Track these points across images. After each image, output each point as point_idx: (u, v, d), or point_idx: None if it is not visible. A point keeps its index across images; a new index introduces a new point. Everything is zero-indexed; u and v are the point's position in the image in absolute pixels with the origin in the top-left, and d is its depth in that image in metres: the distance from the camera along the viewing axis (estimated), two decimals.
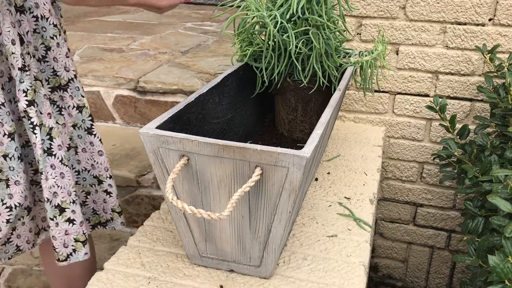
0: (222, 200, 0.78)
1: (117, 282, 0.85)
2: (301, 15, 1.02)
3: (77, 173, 1.04)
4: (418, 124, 1.56)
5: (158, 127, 0.77)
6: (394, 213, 1.70)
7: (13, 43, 0.84)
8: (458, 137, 1.35)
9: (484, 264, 0.97)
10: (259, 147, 0.69)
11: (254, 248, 0.82)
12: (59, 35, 0.93)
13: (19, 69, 0.85)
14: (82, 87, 1.02)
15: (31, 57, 0.89)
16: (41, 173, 0.90)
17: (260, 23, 1.07)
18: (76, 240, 0.98)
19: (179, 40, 2.36)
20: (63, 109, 0.98)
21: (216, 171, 0.74)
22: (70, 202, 0.96)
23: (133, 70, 1.86)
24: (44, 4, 0.90)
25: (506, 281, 0.78)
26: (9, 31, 0.83)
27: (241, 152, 0.70)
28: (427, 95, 1.52)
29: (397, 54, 1.49)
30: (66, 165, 0.95)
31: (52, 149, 0.92)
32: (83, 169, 1.04)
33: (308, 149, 0.70)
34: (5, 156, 0.88)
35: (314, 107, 1.16)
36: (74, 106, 0.99)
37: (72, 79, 0.97)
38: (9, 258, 0.97)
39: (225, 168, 0.74)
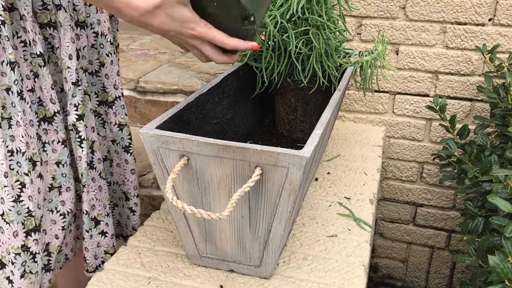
0: (222, 200, 0.78)
1: (117, 282, 0.85)
2: (301, 15, 1.02)
3: (108, 184, 1.05)
4: (418, 124, 1.56)
5: (158, 127, 0.77)
6: (394, 213, 1.70)
7: (70, 58, 0.84)
8: (458, 137, 1.35)
9: (484, 264, 0.98)
10: (259, 147, 0.69)
11: (254, 248, 0.82)
12: (114, 53, 0.96)
13: (72, 83, 0.86)
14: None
15: (83, 71, 0.91)
16: (84, 186, 0.91)
17: None
18: (106, 252, 1.00)
19: None
20: (106, 123, 1.01)
21: (216, 171, 0.74)
22: (105, 215, 0.97)
23: (133, 70, 1.86)
24: (105, 22, 0.92)
25: (506, 281, 0.78)
26: (68, 46, 0.84)
27: (241, 152, 0.70)
28: (427, 95, 1.52)
29: (397, 54, 1.49)
30: (104, 178, 0.97)
31: (93, 163, 0.94)
32: (115, 182, 1.06)
33: (308, 149, 0.70)
34: (58, 163, 0.89)
35: (314, 107, 1.16)
36: (116, 123, 1.01)
37: (119, 97, 0.99)
38: (60, 268, 0.97)
39: (225, 168, 0.74)
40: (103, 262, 1.00)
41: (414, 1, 1.42)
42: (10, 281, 0.83)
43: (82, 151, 0.89)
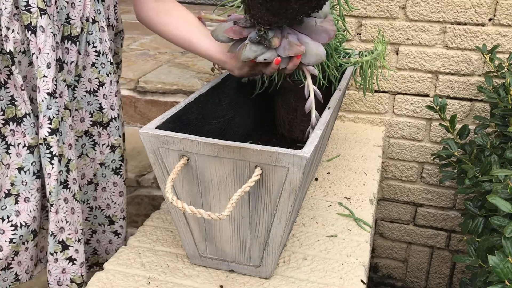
0: (222, 200, 0.78)
1: (117, 282, 0.85)
2: None
3: (89, 209, 1.00)
4: (418, 124, 1.56)
5: (158, 127, 0.77)
6: (394, 213, 1.70)
7: (48, 66, 0.80)
8: (458, 137, 1.35)
9: (484, 264, 0.98)
10: (259, 147, 0.69)
11: (254, 248, 0.82)
12: (114, 72, 0.93)
13: (48, 94, 0.81)
14: (123, 125, 1.00)
15: (66, 85, 0.86)
16: (52, 205, 0.85)
17: None
18: (72, 281, 0.93)
19: None
20: (97, 145, 0.96)
21: (216, 171, 0.74)
22: (76, 241, 0.91)
23: (133, 70, 1.86)
24: (106, 41, 0.90)
25: (506, 281, 0.78)
26: (48, 53, 0.80)
27: (241, 152, 0.70)
28: (427, 95, 1.52)
29: (397, 54, 1.49)
30: (78, 201, 0.91)
31: (68, 182, 0.88)
32: (97, 207, 1.01)
33: (308, 149, 0.70)
34: (20, 169, 0.84)
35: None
36: (108, 145, 0.97)
37: (114, 118, 0.95)
38: None
39: (225, 168, 0.74)
40: None
41: (414, 1, 1.42)
42: None
43: (52, 167, 0.83)
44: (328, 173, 1.24)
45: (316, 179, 1.21)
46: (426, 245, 1.72)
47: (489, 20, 1.39)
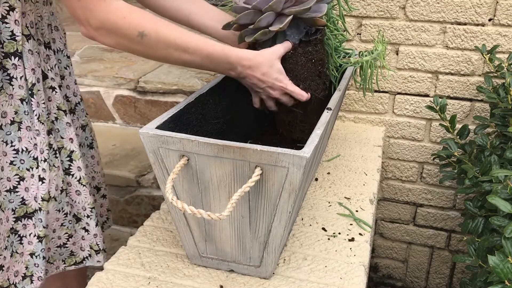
0: (222, 200, 0.78)
1: (117, 282, 0.85)
2: None
3: (65, 215, 0.99)
4: (418, 124, 1.56)
5: (158, 127, 0.77)
6: (394, 213, 1.70)
7: (38, 81, 0.89)
8: (458, 137, 1.35)
9: (484, 264, 0.98)
10: (259, 147, 0.69)
11: (254, 248, 0.82)
12: (70, 65, 1.02)
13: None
14: (83, 110, 1.09)
15: (53, 89, 0.94)
16: None
17: None
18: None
19: None
20: (57, 153, 0.97)
21: (216, 171, 0.74)
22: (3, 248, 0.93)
23: (133, 70, 1.86)
24: (60, 38, 0.99)
25: (506, 281, 0.78)
26: (35, 70, 0.88)
27: (241, 152, 0.70)
28: (427, 95, 1.52)
29: (397, 54, 1.49)
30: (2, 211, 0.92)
31: None
32: (69, 212, 1.01)
33: (308, 149, 0.70)
34: None
35: (314, 107, 1.16)
36: (79, 126, 1.05)
37: (78, 102, 1.04)
38: None
39: (225, 168, 0.74)
40: None
41: (414, 1, 1.42)
42: None
43: None
44: (328, 173, 1.25)
45: (316, 179, 1.21)
46: (426, 245, 1.72)
47: (489, 20, 1.39)
